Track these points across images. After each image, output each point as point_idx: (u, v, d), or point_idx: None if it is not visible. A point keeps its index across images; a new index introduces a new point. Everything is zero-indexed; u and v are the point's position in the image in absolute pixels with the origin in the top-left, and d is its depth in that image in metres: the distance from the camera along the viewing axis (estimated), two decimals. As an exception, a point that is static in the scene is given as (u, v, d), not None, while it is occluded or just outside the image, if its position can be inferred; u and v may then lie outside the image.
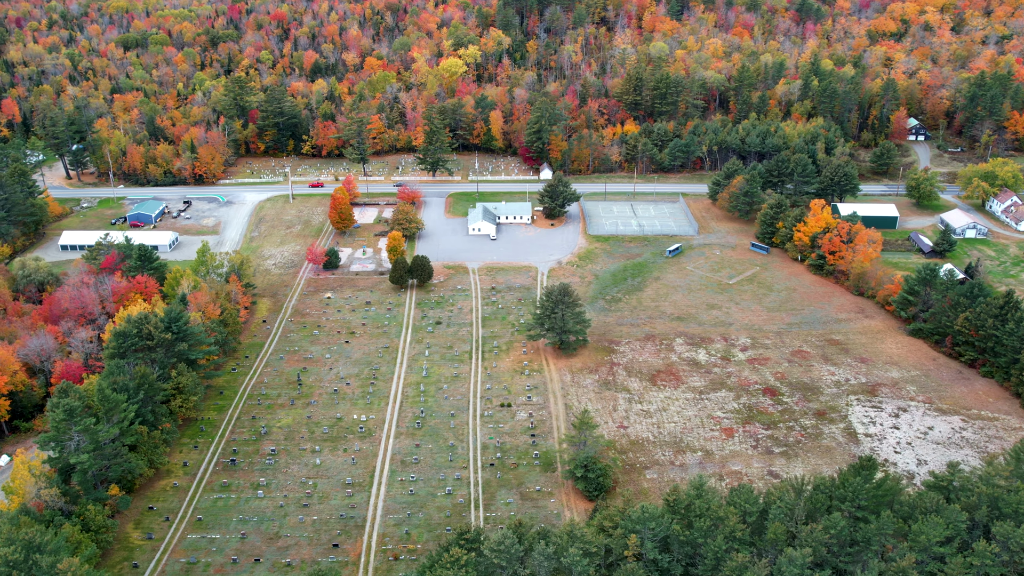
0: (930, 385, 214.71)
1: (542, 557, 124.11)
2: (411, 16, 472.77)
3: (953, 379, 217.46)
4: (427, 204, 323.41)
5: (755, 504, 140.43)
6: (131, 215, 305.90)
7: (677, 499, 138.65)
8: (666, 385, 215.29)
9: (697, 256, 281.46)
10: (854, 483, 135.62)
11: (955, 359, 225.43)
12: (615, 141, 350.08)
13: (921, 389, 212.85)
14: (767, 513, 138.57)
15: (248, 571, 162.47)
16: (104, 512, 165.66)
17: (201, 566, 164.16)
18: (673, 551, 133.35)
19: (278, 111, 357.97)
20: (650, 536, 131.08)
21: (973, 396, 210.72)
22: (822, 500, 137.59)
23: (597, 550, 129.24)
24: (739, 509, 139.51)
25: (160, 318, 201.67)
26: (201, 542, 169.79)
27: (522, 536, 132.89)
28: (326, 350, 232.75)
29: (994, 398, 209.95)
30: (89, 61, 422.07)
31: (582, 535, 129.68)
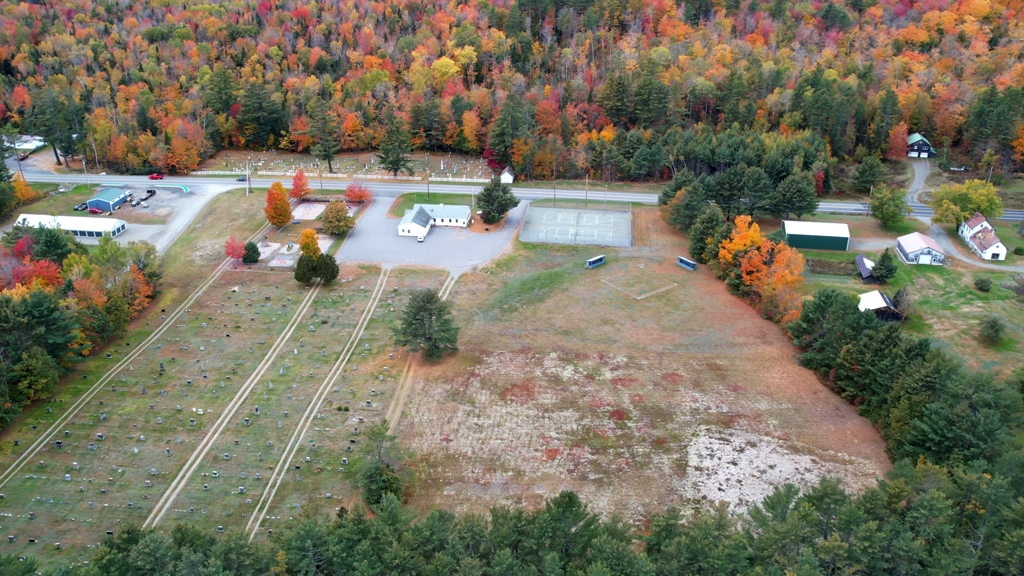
0: (796, 420, 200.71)
1: (187, 564, 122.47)
2: (427, 15, 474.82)
3: (825, 416, 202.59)
4: (375, 203, 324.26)
5: (472, 534, 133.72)
6: (91, 202, 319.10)
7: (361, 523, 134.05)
8: (514, 400, 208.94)
9: (618, 269, 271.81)
10: (541, 519, 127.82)
11: (837, 394, 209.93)
12: (584, 147, 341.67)
13: (783, 423, 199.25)
14: (444, 544, 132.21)
15: (20, 551, 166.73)
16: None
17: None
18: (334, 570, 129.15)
19: (258, 106, 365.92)
20: (308, 554, 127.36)
21: (838, 435, 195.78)
22: (508, 534, 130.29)
23: (253, 562, 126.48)
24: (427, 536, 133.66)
25: (19, 302, 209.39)
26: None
27: (191, 540, 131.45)
28: (204, 342, 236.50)
29: (860, 440, 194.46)
30: (110, 52, 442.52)
31: (241, 546, 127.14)
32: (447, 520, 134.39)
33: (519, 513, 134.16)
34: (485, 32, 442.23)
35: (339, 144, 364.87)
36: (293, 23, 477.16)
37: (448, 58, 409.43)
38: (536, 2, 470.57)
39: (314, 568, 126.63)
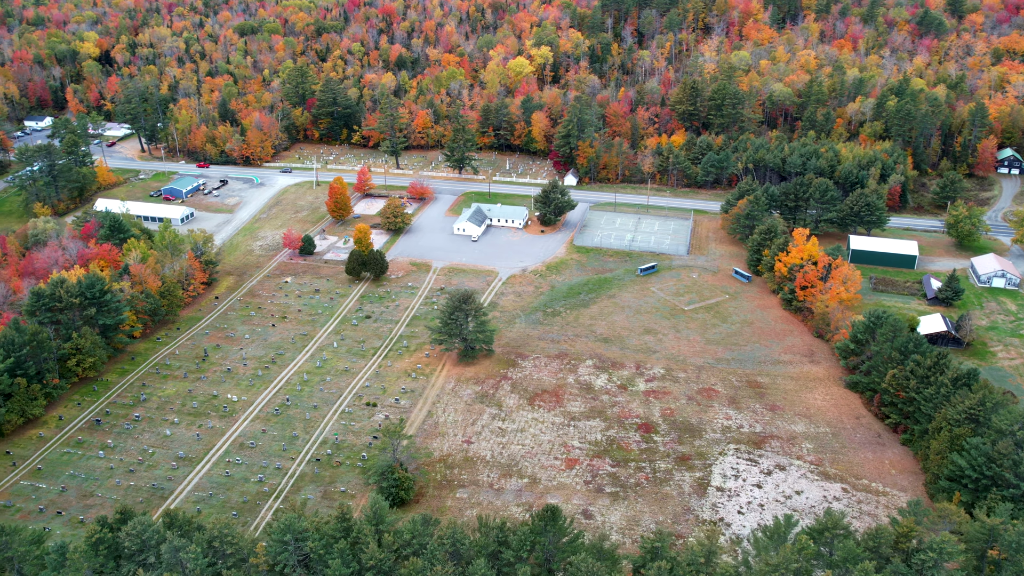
0: (832, 445, 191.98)
1: (169, 548, 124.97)
2: (509, 14, 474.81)
3: (865, 443, 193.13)
4: (437, 200, 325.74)
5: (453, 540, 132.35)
6: (165, 189, 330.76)
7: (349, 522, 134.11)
8: (542, 406, 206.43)
9: (670, 277, 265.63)
10: (521, 532, 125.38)
11: (880, 420, 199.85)
12: (651, 152, 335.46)
13: (818, 448, 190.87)
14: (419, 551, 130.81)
15: (47, 521, 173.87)
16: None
17: (13, 509, 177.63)
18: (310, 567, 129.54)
19: (332, 100, 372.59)
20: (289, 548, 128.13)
21: (875, 465, 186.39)
22: (488, 544, 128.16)
23: (235, 551, 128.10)
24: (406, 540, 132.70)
25: (73, 284, 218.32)
26: (27, 489, 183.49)
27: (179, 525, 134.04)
28: (250, 331, 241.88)
29: (899, 471, 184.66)
30: (201, 45, 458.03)
31: (225, 535, 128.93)
32: (431, 525, 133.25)
33: (502, 524, 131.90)
34: (565, 32, 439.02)
35: (408, 141, 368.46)
36: (378, 20, 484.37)
37: (524, 58, 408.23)
38: (619, 3, 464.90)
39: (294, 562, 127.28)
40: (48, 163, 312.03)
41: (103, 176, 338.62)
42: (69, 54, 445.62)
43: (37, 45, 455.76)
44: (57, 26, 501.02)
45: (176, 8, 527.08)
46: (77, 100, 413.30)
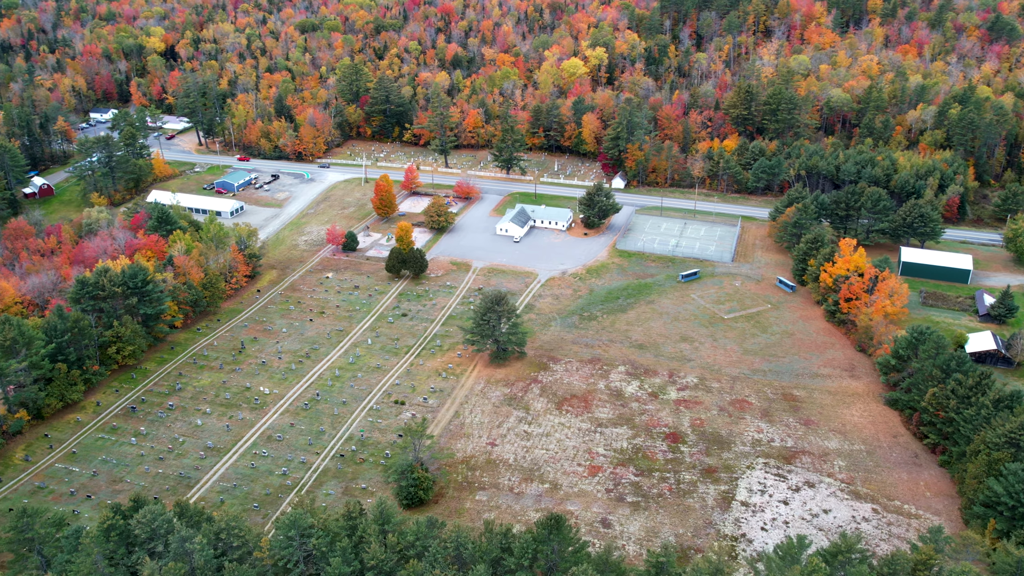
0: (865, 464, 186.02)
1: (177, 538, 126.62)
2: (567, 15, 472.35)
3: (900, 463, 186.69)
4: (482, 200, 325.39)
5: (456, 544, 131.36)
6: (217, 182, 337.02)
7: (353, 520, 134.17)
8: (569, 411, 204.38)
9: (711, 285, 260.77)
10: (523, 539, 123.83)
11: (919, 440, 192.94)
12: (702, 156, 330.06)
13: (851, 466, 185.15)
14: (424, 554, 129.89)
15: (76, 504, 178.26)
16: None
17: (46, 491, 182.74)
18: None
19: (385, 98, 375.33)
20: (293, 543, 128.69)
21: (909, 486, 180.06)
22: (491, 550, 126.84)
23: (240, 544, 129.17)
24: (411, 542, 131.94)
25: (116, 273, 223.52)
26: (61, 472, 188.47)
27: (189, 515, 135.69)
28: (288, 325, 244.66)
29: (934, 493, 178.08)
30: (262, 41, 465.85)
31: (232, 527, 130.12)
32: (436, 527, 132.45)
33: (507, 530, 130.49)
34: (621, 34, 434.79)
35: (459, 140, 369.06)
36: (436, 19, 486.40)
37: (578, 59, 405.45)
38: (679, 4, 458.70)
39: (298, 558, 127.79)
40: (106, 154, 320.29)
41: (159, 168, 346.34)
42: (136, 48, 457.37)
43: (106, 40, 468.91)
44: (127, 21, 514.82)
45: (241, 4, 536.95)
46: (140, 93, 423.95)
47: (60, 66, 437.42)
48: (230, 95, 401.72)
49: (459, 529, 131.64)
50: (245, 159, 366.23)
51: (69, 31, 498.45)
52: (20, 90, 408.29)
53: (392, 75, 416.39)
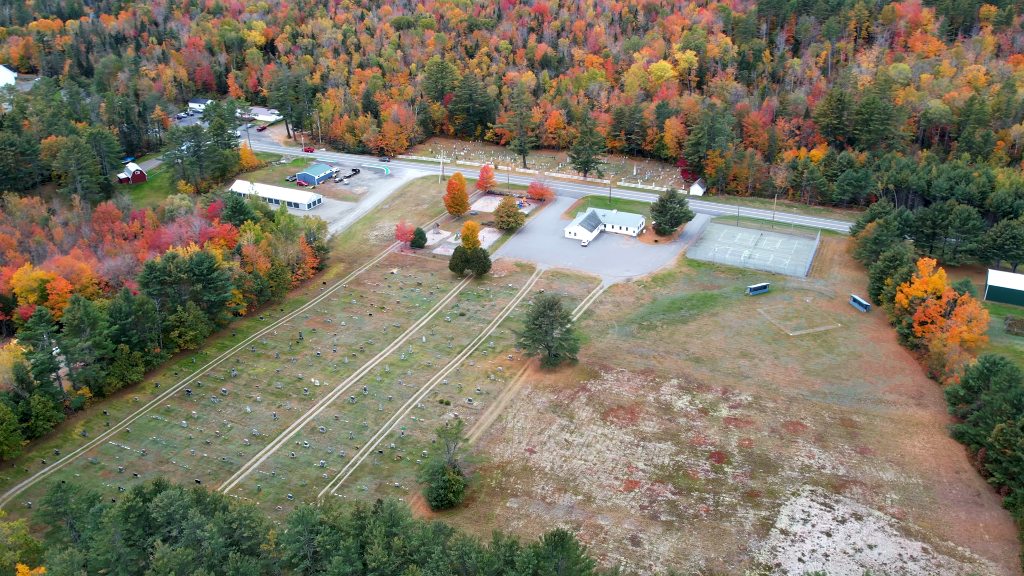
0: (921, 499, 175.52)
1: (190, 525, 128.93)
2: (661, 17, 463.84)
3: (960, 501, 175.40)
4: (556, 202, 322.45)
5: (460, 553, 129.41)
6: (299, 175, 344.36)
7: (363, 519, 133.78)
8: (614, 422, 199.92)
9: (780, 299, 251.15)
10: (526, 554, 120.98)
11: (984, 478, 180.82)
12: (786, 165, 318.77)
13: (905, 500, 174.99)
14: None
15: (123, 482, 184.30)
16: (49, 404, 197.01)
17: (97, 467, 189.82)
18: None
19: (469, 97, 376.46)
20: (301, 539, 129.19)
21: (967, 526, 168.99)
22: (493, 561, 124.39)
23: (251, 535, 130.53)
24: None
25: (184, 260, 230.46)
26: (114, 449, 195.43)
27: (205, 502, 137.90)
28: (347, 318, 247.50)
29: (993, 536, 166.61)
30: (357, 38, 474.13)
31: (244, 517, 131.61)
32: (443, 534, 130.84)
33: (513, 542, 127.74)
34: (715, 37, 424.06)
35: (539, 140, 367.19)
36: (530, 18, 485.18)
37: (668, 62, 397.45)
38: (778, 8, 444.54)
39: (304, 553, 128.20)
40: (195, 144, 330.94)
41: (246, 159, 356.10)
42: (237, 42, 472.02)
43: (210, 32, 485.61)
44: (233, 15, 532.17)
45: (343, 1, 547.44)
46: (237, 85, 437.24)
47: (165, 57, 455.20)
48: (321, 90, 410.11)
49: (465, 538, 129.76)
50: (309, 150, 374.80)
51: (178, 23, 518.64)
52: (126, 79, 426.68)
53: (480, 74, 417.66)
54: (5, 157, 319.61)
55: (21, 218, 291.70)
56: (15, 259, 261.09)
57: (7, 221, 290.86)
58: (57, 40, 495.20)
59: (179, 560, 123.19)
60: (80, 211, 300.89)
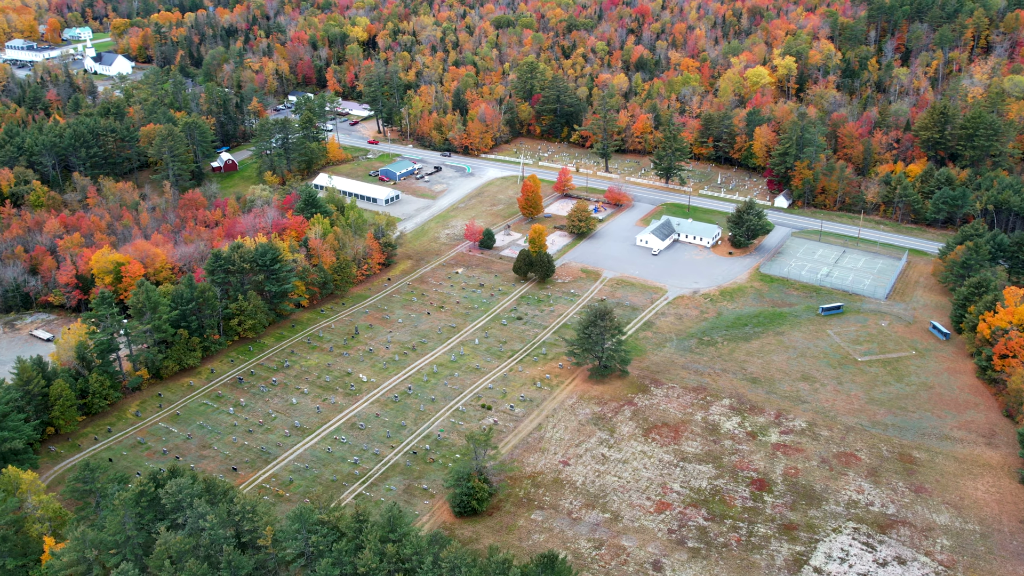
0: (975, 548, 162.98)
1: (196, 512, 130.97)
2: (765, 21, 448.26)
3: (1021, 554, 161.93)
4: (633, 208, 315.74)
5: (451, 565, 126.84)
6: (381, 170, 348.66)
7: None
8: (655, 440, 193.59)
9: (853, 322, 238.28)
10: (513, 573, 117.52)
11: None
12: (879, 180, 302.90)
13: (956, 547, 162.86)
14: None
15: (165, 463, 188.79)
16: (106, 383, 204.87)
17: (144, 447, 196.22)
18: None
19: (556, 98, 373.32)
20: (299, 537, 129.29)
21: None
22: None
23: (251, 528, 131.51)
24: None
25: (248, 250, 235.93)
26: (162, 431, 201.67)
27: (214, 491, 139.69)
28: (405, 316, 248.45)
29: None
30: (456, 36, 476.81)
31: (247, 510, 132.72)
32: (439, 544, 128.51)
33: (506, 560, 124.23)
34: (819, 43, 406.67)
35: (625, 144, 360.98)
36: (630, 19, 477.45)
37: (765, 68, 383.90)
38: (889, 14, 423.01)
39: (303, 552, 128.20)
40: (282, 136, 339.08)
41: (333, 152, 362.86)
42: (340, 37, 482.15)
43: (315, 27, 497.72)
44: (340, 11, 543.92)
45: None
46: (335, 80, 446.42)
47: (269, 50, 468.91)
48: (415, 86, 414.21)
49: (460, 550, 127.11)
50: (374, 142, 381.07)
51: (288, 18, 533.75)
52: (231, 71, 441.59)
53: (573, 75, 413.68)
54: (106, 143, 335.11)
55: (113, 202, 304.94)
56: (101, 241, 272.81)
57: (101, 204, 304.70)
58: (173, 32, 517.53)
59: (177, 548, 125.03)
60: (169, 197, 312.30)
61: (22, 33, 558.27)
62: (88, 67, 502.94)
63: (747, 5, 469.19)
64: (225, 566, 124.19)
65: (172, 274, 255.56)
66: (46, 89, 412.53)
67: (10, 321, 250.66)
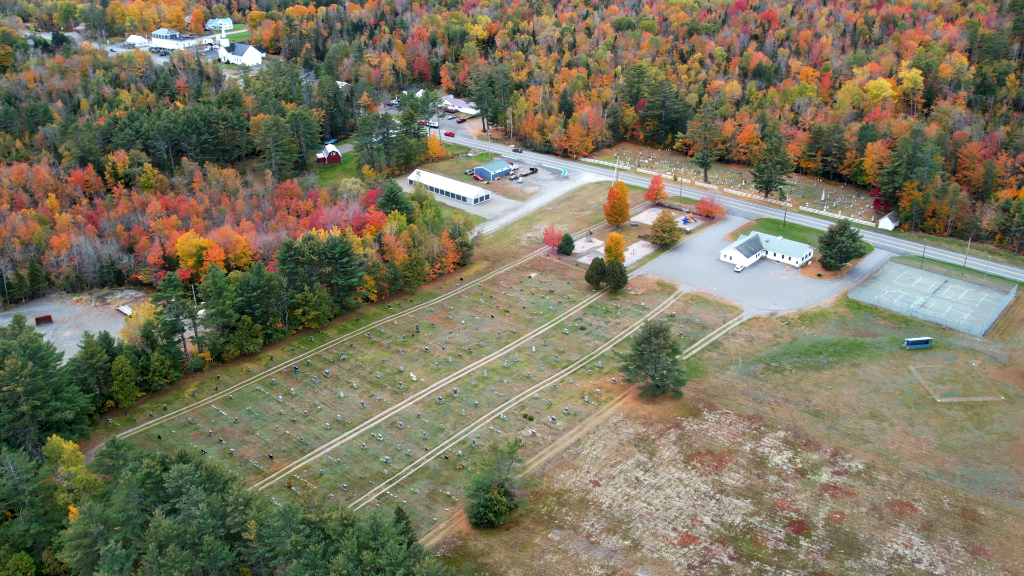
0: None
1: (190, 499, 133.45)
2: (899, 31, 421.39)
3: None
4: (725, 221, 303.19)
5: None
6: (476, 169, 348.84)
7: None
8: (696, 468, 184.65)
9: (941, 359, 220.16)
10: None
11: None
12: (997, 206, 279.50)
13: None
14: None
15: (212, 446, 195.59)
16: (167, 362, 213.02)
17: (193, 427, 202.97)
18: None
19: (661, 104, 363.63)
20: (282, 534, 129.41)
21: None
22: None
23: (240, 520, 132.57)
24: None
25: (318, 242, 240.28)
26: (212, 413, 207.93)
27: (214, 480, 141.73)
28: (468, 317, 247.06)
29: None
30: (573, 37, 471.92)
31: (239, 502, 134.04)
32: (414, 557, 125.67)
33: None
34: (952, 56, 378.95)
35: (729, 154, 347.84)
36: (755, 25, 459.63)
37: (889, 80, 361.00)
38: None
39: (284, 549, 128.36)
40: (383, 132, 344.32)
41: (433, 149, 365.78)
42: (459, 35, 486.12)
43: (437, 24, 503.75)
44: (466, 9, 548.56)
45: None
46: (448, 77, 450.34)
47: (389, 46, 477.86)
48: (524, 86, 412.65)
49: (436, 567, 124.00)
50: (450, 134, 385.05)
51: (414, 14, 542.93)
52: (350, 65, 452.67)
53: (686, 80, 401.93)
54: (217, 130, 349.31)
55: (216, 187, 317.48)
56: (196, 224, 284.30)
57: (204, 188, 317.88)
58: (303, 25, 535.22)
59: (166, 532, 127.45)
60: (269, 185, 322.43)
61: (169, 23, 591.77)
62: (222, 57, 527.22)
63: (881, 13, 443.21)
64: (205, 555, 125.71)
65: (252, 261, 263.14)
66: (176, 77, 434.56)
67: (102, 296, 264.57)
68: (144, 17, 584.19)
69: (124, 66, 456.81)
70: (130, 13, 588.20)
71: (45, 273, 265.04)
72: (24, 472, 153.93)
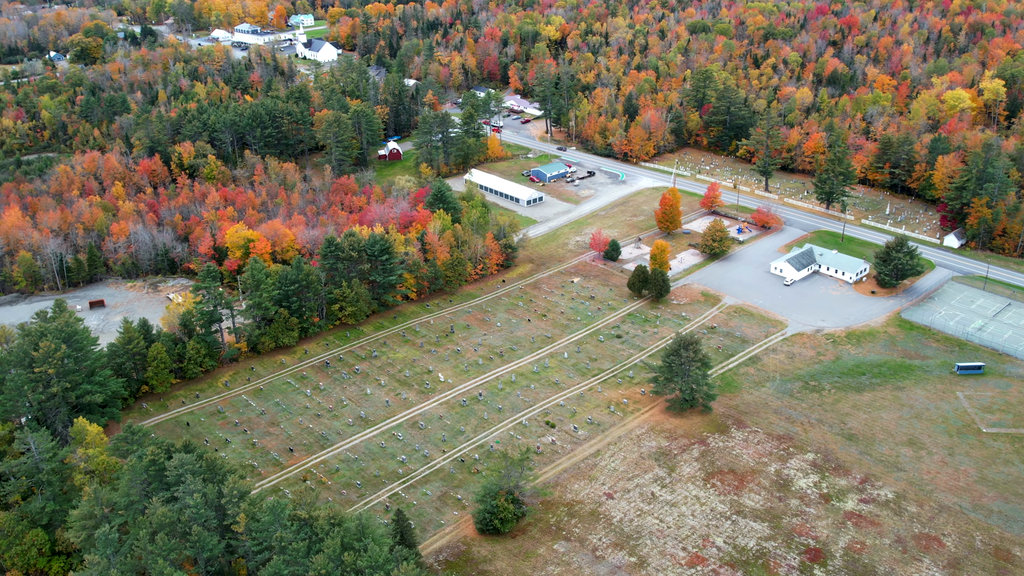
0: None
1: (187, 489, 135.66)
2: (986, 38, 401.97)
3: None
4: (781, 232, 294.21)
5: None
6: (533, 171, 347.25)
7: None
8: (715, 487, 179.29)
9: (992, 386, 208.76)
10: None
11: None
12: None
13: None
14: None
15: (237, 435, 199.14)
16: (202, 351, 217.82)
17: (221, 416, 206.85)
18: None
19: (726, 109, 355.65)
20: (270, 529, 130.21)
21: None
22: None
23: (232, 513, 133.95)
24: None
25: (359, 239, 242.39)
26: (241, 403, 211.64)
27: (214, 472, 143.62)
28: (504, 320, 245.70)
29: None
30: (645, 39, 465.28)
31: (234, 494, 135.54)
32: (395, 562, 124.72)
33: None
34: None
35: (793, 163, 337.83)
36: (834, 30, 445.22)
37: (969, 91, 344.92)
38: None
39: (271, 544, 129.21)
40: (442, 130, 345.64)
41: (493, 149, 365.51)
42: (531, 35, 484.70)
43: (511, 24, 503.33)
44: (542, 10, 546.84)
45: (651, 1, 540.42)
46: (517, 78, 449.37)
47: (461, 45, 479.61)
48: (591, 88, 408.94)
49: (418, 570, 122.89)
50: (497, 130, 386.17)
51: (489, 13, 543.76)
52: (420, 63, 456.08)
53: (757, 86, 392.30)
54: (282, 124, 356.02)
55: (275, 180, 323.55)
56: (250, 216, 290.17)
57: (264, 182, 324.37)
58: (380, 22, 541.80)
59: (159, 520, 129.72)
60: (327, 181, 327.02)
61: (253, 18, 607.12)
62: (299, 52, 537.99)
63: (969, 20, 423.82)
64: (192, 544, 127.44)
65: (298, 254, 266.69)
66: (251, 71, 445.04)
67: (155, 283, 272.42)
68: (229, 12, 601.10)
69: (203, 59, 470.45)
70: (216, 8, 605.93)
71: (103, 259, 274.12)
72: (44, 452, 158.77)
